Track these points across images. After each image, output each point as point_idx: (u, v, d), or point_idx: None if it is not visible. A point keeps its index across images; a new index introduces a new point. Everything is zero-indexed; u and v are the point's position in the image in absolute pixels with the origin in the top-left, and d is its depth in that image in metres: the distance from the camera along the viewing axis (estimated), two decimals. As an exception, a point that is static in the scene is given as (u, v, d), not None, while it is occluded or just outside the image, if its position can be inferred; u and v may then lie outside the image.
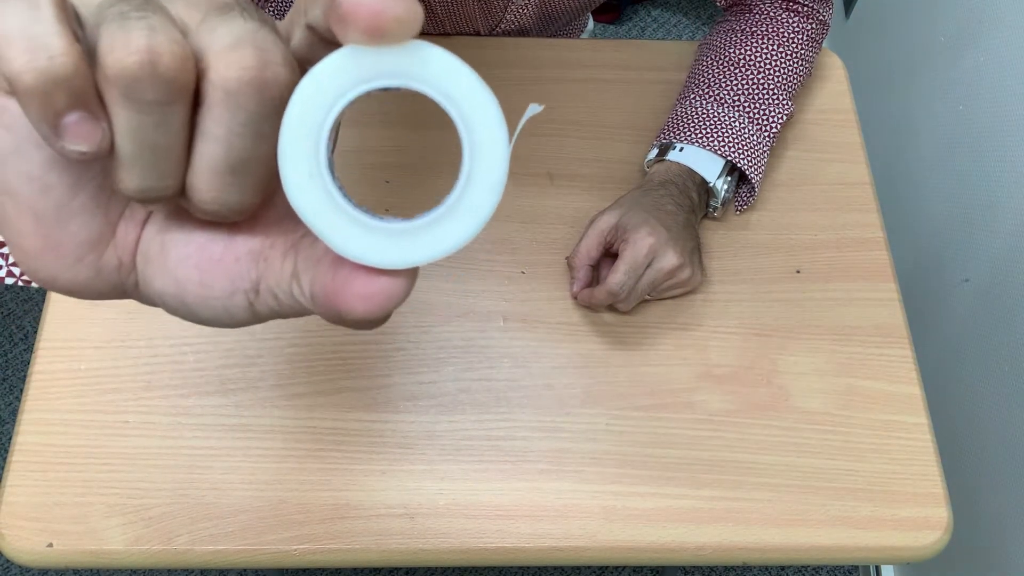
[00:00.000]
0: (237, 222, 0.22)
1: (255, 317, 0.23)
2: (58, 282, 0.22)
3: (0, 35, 0.17)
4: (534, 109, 0.20)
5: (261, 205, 0.22)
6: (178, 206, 0.22)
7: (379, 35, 0.18)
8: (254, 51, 0.18)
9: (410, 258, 0.20)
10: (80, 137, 0.18)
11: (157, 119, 0.18)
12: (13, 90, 0.18)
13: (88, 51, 0.18)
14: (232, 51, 0.18)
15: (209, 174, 0.19)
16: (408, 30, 0.18)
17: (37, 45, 0.17)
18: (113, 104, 0.18)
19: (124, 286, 0.23)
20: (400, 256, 0.20)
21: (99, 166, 0.21)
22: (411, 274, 0.21)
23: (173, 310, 0.23)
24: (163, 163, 0.19)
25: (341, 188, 0.20)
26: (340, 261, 0.20)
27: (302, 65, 0.20)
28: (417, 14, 0.18)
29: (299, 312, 0.23)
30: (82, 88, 0.18)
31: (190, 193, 0.20)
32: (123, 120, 0.18)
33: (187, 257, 0.22)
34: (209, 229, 0.23)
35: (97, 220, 0.21)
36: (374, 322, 0.21)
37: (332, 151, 0.20)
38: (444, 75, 0.18)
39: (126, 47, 0.17)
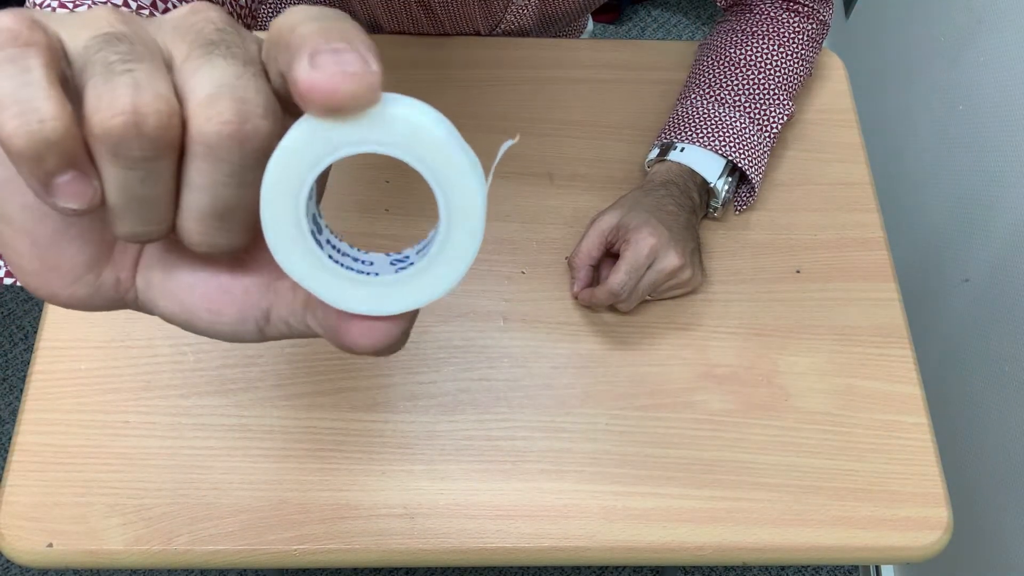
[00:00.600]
0: (231, 263, 0.23)
1: (264, 339, 0.24)
2: (58, 298, 0.22)
3: None
4: (508, 144, 0.21)
5: (261, 240, 0.22)
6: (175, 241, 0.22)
7: (337, 111, 0.18)
8: (233, 104, 0.18)
9: (400, 306, 0.21)
10: (71, 196, 0.18)
11: (144, 174, 0.19)
12: (6, 151, 0.18)
13: (75, 97, 0.18)
14: (212, 105, 0.18)
15: (197, 220, 0.20)
16: (365, 102, 0.18)
17: (28, 109, 0.17)
18: (101, 160, 0.18)
19: (124, 301, 0.24)
20: (391, 305, 0.21)
21: None
22: (407, 315, 0.22)
23: (178, 326, 0.24)
24: (152, 212, 0.20)
25: (327, 242, 0.21)
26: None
27: (284, 102, 0.20)
28: (372, 85, 0.18)
29: (310, 336, 0.24)
30: (72, 149, 0.18)
31: (181, 235, 0.20)
32: (111, 175, 0.19)
33: (193, 286, 0.23)
34: (211, 261, 0.23)
35: (93, 243, 0.22)
36: (385, 353, 0.22)
37: (317, 205, 0.21)
38: (410, 136, 0.19)
39: (111, 107, 0.18)
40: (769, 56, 0.74)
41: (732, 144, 0.71)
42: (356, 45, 0.18)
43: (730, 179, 0.72)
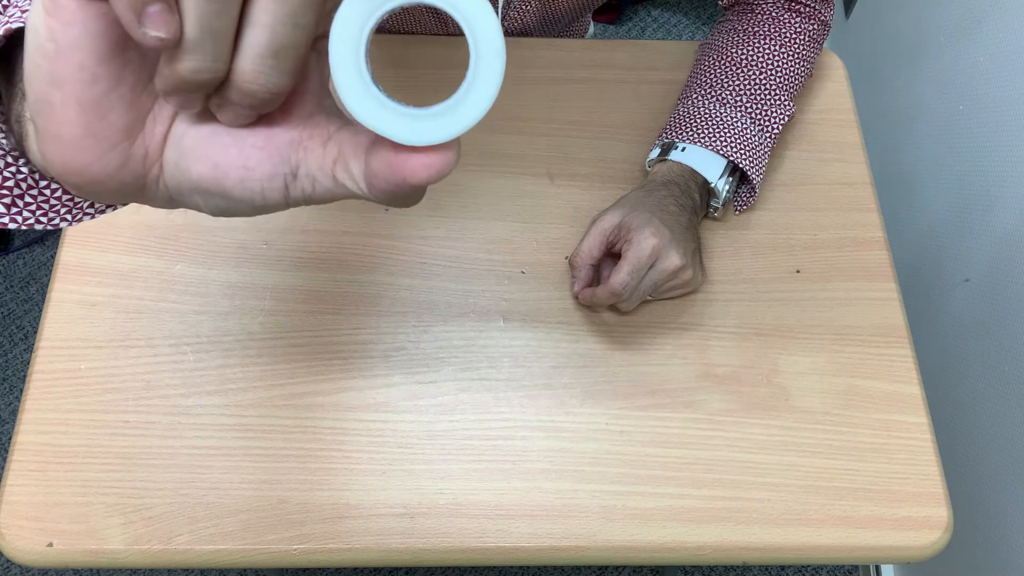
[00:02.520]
0: (268, 113, 0.26)
1: (286, 202, 0.26)
2: (89, 170, 0.25)
3: None
4: None
5: (293, 102, 0.26)
6: (205, 111, 0.25)
7: None
8: None
9: (453, 130, 0.24)
10: (160, 24, 0.21)
11: (219, 7, 0.22)
12: None
13: None
14: None
15: (255, 57, 0.23)
16: None
17: None
18: None
19: (147, 178, 0.26)
20: (445, 132, 0.24)
21: (139, 62, 0.24)
22: (456, 142, 0.25)
23: (205, 196, 0.26)
24: (219, 46, 0.22)
25: (380, 88, 0.24)
26: (396, 144, 0.24)
27: None
28: None
29: (334, 196, 0.26)
30: None
31: (235, 77, 0.23)
32: (192, 7, 0.21)
33: (228, 144, 0.26)
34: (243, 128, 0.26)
35: (132, 112, 0.25)
36: (436, 180, 0.25)
37: (369, 62, 0.24)
38: None
39: None
40: (771, 56, 0.74)
41: (733, 144, 0.71)
42: None
43: (731, 179, 0.72)
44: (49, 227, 0.31)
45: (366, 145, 0.25)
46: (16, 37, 0.29)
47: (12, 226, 0.29)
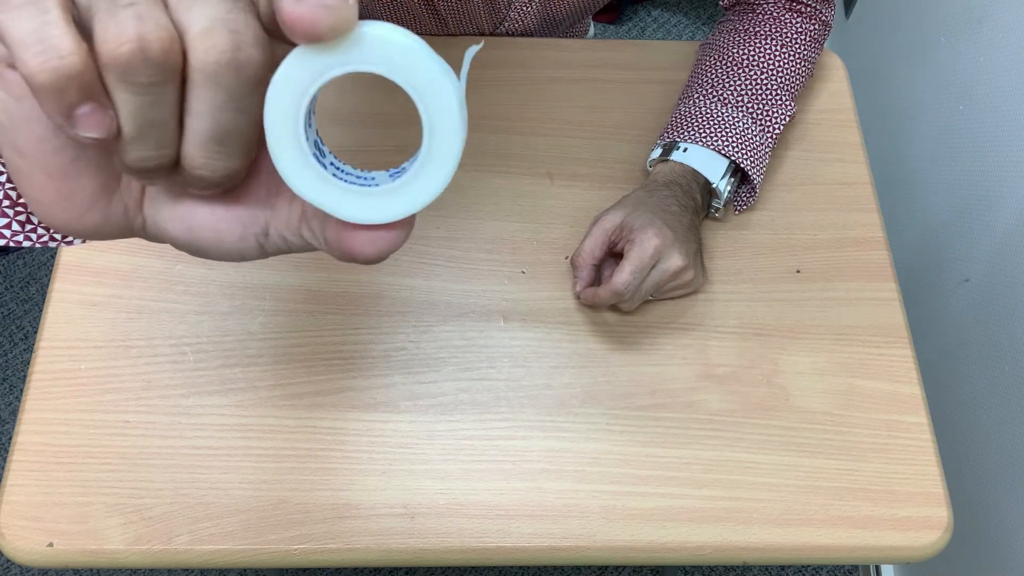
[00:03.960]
0: (230, 190, 0.25)
1: (264, 255, 0.26)
2: (72, 227, 0.25)
3: (15, 39, 0.19)
4: (474, 49, 0.23)
5: (259, 161, 0.25)
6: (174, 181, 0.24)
7: (319, 39, 0.20)
8: (227, 35, 0.20)
9: (399, 212, 0.23)
10: (92, 125, 0.20)
11: (152, 99, 0.21)
12: (30, 87, 0.20)
13: (84, 33, 0.20)
14: (208, 36, 0.20)
15: (199, 145, 0.22)
16: (343, 30, 0.20)
17: (48, 47, 0.19)
18: (113, 88, 0.20)
19: (133, 228, 0.26)
20: (391, 212, 0.23)
21: None
22: (406, 221, 0.24)
23: (186, 250, 0.26)
24: (161, 136, 0.21)
25: (330, 163, 0.23)
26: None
27: (272, 33, 0.22)
28: (348, 17, 0.20)
29: (307, 249, 0.26)
30: (90, 81, 0.20)
31: (184, 162, 0.22)
32: (124, 102, 0.20)
33: (197, 209, 0.25)
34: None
35: (102, 173, 0.24)
36: (382, 259, 0.25)
37: (312, 128, 0.23)
38: (385, 53, 0.21)
39: (119, 37, 0.19)
40: (772, 56, 0.74)
41: (734, 144, 0.71)
42: None
43: (732, 179, 0.72)
44: (64, 243, 0.31)
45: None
46: None
47: (27, 244, 0.29)
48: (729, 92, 0.74)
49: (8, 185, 0.28)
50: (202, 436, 0.63)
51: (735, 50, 0.75)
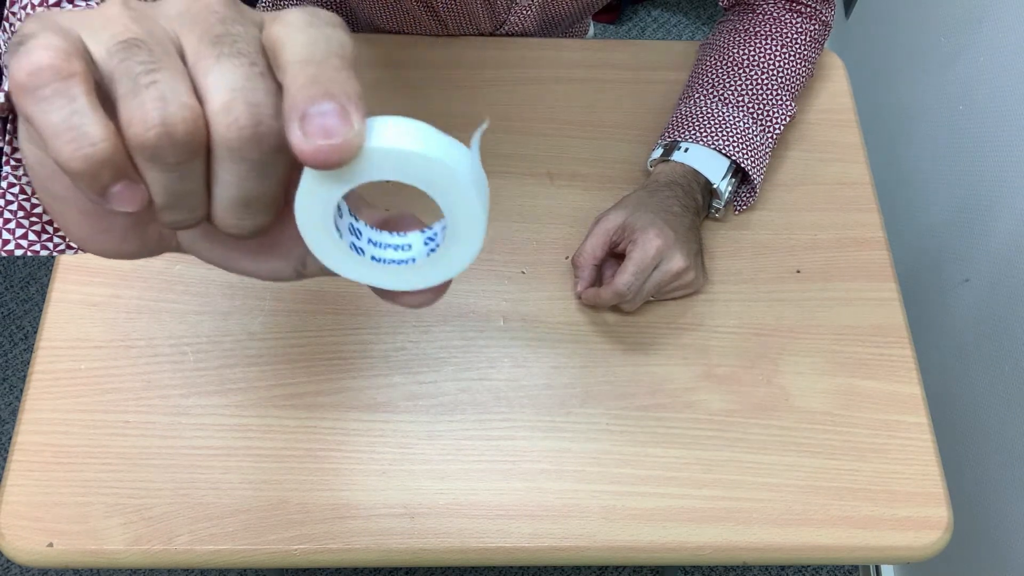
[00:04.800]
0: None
1: (301, 279, 0.28)
2: (109, 255, 0.26)
3: (46, 129, 0.20)
4: (482, 128, 0.24)
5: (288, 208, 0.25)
6: None
7: (331, 167, 0.21)
8: (247, 108, 0.21)
9: (435, 280, 0.25)
10: (125, 201, 0.21)
11: (180, 174, 0.21)
12: (65, 173, 0.20)
13: (108, 102, 0.21)
14: (228, 112, 0.21)
15: (227, 210, 0.23)
16: (350, 157, 0.21)
17: (80, 135, 0.20)
18: (143, 168, 0.21)
19: (168, 248, 0.27)
20: (428, 281, 0.25)
21: None
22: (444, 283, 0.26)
23: (223, 269, 0.28)
24: (191, 202, 0.22)
25: (368, 240, 0.25)
26: None
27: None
28: (353, 147, 0.21)
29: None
30: (121, 163, 0.21)
31: (214, 222, 0.23)
32: (154, 179, 0.21)
33: (233, 250, 0.27)
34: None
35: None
36: (430, 304, 0.26)
37: (344, 217, 0.24)
38: (394, 164, 0.22)
39: (144, 122, 0.20)
40: (773, 56, 0.74)
41: (735, 143, 0.71)
42: (339, 97, 0.21)
43: (732, 180, 0.72)
44: (80, 252, 0.31)
45: None
46: None
47: (44, 253, 0.30)
48: (730, 92, 0.74)
49: (22, 196, 0.29)
50: (202, 436, 0.63)
51: (736, 50, 0.75)
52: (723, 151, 0.71)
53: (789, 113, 0.74)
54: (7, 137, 0.27)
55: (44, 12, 0.22)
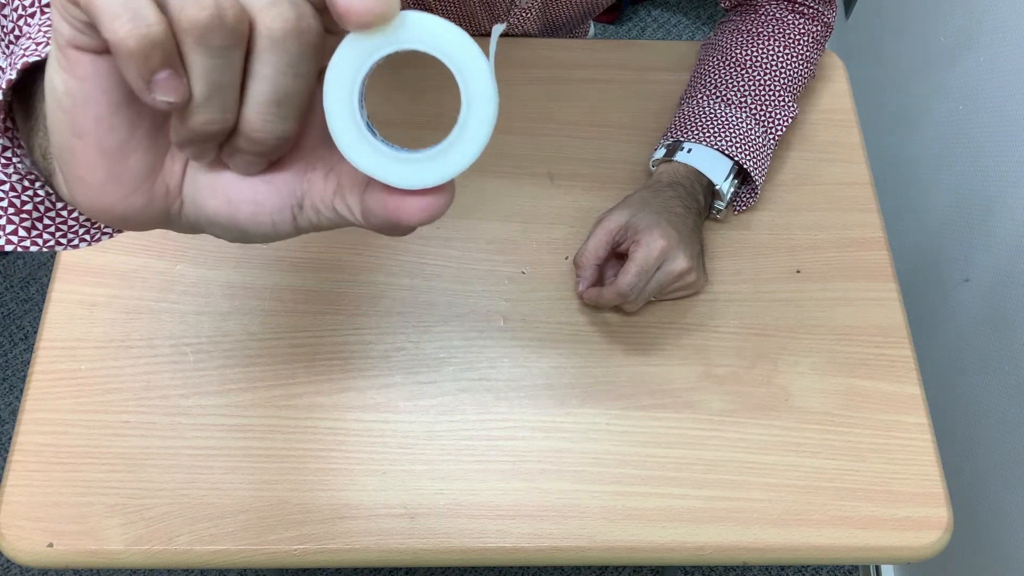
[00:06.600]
0: (277, 160, 0.27)
1: (296, 230, 0.28)
2: (115, 209, 0.26)
3: (105, 10, 0.21)
4: (499, 28, 0.25)
5: (298, 135, 0.27)
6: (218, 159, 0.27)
7: (368, 27, 0.23)
8: (290, 5, 0.23)
9: (444, 175, 0.25)
10: (169, 89, 0.22)
11: (224, 61, 0.23)
12: (115, 53, 0.22)
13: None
14: (274, 6, 0.23)
15: (260, 107, 0.24)
16: (390, 16, 0.23)
17: (137, 15, 0.21)
18: (190, 53, 0.22)
19: (169, 212, 0.28)
20: (437, 175, 0.25)
21: (152, 110, 0.25)
22: (450, 184, 0.26)
23: (221, 229, 0.28)
24: (226, 99, 0.24)
25: (374, 133, 0.25)
26: (391, 186, 0.26)
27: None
28: (394, 3, 0.23)
29: (337, 224, 0.28)
30: (170, 48, 0.22)
31: (243, 127, 0.24)
32: (197, 65, 0.23)
33: (239, 180, 0.27)
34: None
35: (151, 153, 0.26)
36: (431, 221, 0.27)
37: (363, 108, 0.25)
38: (428, 32, 0.24)
39: (197, 4, 0.22)
40: (774, 57, 0.74)
41: (737, 144, 0.71)
42: None
43: (734, 181, 0.72)
44: (70, 248, 0.32)
45: (363, 180, 0.27)
46: (32, 69, 0.29)
47: (33, 249, 0.30)
48: (732, 92, 0.74)
49: (12, 194, 0.29)
50: (202, 436, 0.63)
51: (738, 50, 0.75)
52: (726, 152, 0.70)
53: (791, 114, 0.74)
54: None
55: None
